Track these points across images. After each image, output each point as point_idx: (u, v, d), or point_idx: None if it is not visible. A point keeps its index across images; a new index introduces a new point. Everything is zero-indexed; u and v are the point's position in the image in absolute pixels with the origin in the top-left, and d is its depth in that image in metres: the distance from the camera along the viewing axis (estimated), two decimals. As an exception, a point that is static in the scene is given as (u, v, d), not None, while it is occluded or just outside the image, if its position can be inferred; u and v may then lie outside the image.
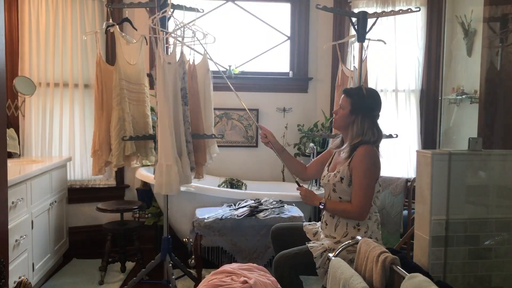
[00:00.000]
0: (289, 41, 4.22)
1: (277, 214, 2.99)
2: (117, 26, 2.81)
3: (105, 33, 2.88)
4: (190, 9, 2.75)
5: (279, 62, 4.25)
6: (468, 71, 3.43)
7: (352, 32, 3.81)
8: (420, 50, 4.01)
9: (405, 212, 3.16)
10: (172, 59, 2.60)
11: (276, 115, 4.17)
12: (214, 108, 3.04)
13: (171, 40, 2.67)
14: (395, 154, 3.93)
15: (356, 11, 3.71)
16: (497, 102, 2.66)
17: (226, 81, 2.75)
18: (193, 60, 2.84)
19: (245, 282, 1.91)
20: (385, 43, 3.14)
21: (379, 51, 3.78)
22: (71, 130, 3.72)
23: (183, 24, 2.63)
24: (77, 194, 3.75)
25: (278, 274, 2.12)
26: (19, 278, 1.86)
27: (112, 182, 3.93)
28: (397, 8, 3.72)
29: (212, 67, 2.95)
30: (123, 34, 2.88)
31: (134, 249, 3.33)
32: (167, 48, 2.82)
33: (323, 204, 2.24)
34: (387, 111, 3.91)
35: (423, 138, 4.06)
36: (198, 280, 2.90)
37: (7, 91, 3.37)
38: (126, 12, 3.24)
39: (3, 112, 1.58)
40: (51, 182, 3.11)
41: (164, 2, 2.64)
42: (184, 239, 3.19)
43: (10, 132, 3.48)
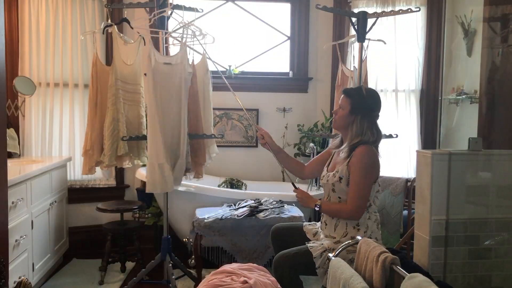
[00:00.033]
0: (289, 41, 4.22)
1: (277, 214, 3.00)
2: (115, 26, 2.81)
3: (102, 33, 2.87)
4: (190, 9, 2.75)
5: (279, 62, 4.25)
6: (468, 71, 3.43)
7: (352, 32, 3.81)
8: (420, 50, 4.01)
9: (405, 212, 3.16)
10: (172, 59, 2.59)
11: (276, 115, 4.17)
12: (214, 108, 3.04)
13: (171, 40, 2.66)
14: (395, 154, 3.93)
15: (356, 11, 3.71)
16: (497, 102, 2.65)
17: (225, 81, 2.74)
18: (192, 60, 2.84)
19: (245, 282, 1.91)
20: (385, 43, 3.14)
21: (379, 51, 3.78)
22: (71, 130, 3.72)
23: (183, 24, 2.63)
24: (77, 194, 3.75)
25: (278, 274, 2.12)
26: (19, 278, 1.87)
27: (112, 182, 3.93)
28: (397, 8, 3.72)
29: (211, 67, 2.95)
30: (121, 35, 2.88)
31: (134, 249, 3.33)
32: (167, 48, 2.81)
33: (318, 206, 2.24)
34: (387, 111, 3.91)
35: (423, 138, 4.06)
36: (198, 280, 2.90)
37: (7, 91, 3.37)
38: (125, 12, 3.24)
39: (3, 112, 1.58)
40: (51, 182, 3.11)
41: (163, 2, 2.64)
42: (184, 239, 3.19)
43: (10, 132, 3.48)
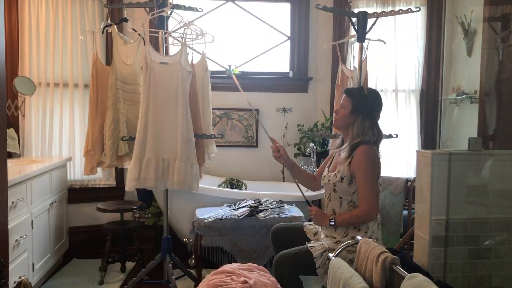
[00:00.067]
0: (289, 41, 4.22)
1: (277, 214, 2.99)
2: (115, 26, 2.81)
3: (102, 33, 2.87)
4: (189, 8, 2.75)
5: (279, 62, 4.25)
6: (468, 71, 3.43)
7: (352, 32, 3.81)
8: (420, 50, 4.01)
9: (405, 212, 3.16)
10: (169, 59, 2.58)
11: (276, 115, 4.16)
12: (214, 108, 3.03)
13: (170, 39, 2.66)
14: (395, 154, 3.93)
15: (356, 11, 3.70)
16: (497, 102, 2.65)
17: (235, 81, 2.63)
18: (191, 59, 2.83)
19: (245, 282, 1.91)
20: (385, 43, 3.14)
21: (379, 51, 3.78)
22: (71, 130, 3.72)
23: (183, 23, 2.62)
24: (77, 194, 3.75)
25: (278, 274, 2.12)
26: (19, 278, 1.86)
27: (112, 182, 3.93)
28: (397, 8, 3.71)
29: (211, 66, 2.94)
30: (121, 35, 2.88)
31: (134, 249, 3.33)
32: (166, 47, 2.81)
33: (333, 221, 2.18)
34: (387, 111, 3.91)
35: (423, 138, 4.06)
36: (198, 280, 2.90)
37: (7, 91, 3.37)
38: (125, 12, 3.24)
39: (3, 112, 1.58)
40: (51, 182, 3.11)
41: (162, 2, 2.64)
42: (184, 239, 3.19)
43: (10, 132, 3.48)
